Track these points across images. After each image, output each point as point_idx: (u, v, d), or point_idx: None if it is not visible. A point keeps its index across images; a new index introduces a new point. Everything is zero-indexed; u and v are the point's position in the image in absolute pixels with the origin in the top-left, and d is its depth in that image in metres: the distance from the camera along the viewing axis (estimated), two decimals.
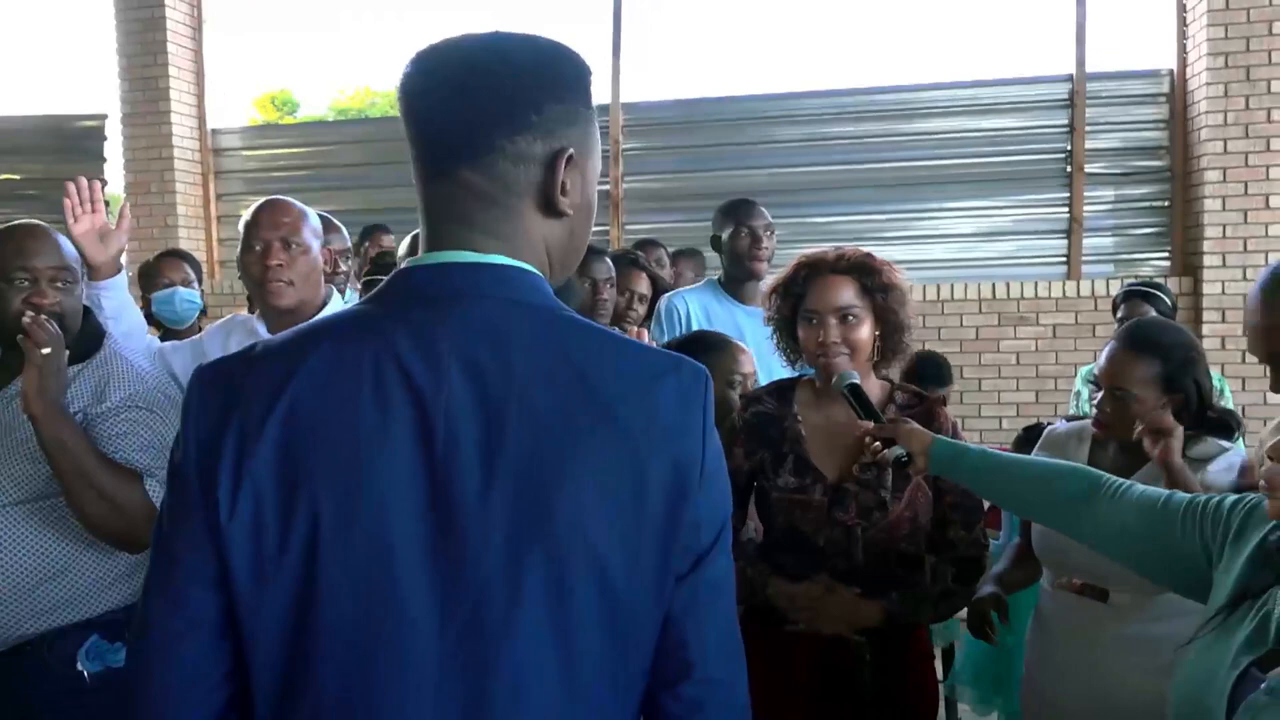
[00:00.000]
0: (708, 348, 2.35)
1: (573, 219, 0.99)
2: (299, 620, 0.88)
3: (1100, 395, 2.06)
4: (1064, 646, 2.07)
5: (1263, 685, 1.15)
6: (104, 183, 2.29)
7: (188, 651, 0.91)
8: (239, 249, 2.20)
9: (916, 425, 1.84)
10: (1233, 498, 1.40)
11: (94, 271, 2.19)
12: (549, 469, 0.87)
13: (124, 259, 2.34)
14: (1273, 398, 1.50)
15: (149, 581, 0.94)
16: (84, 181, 2.21)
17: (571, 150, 0.94)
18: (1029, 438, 2.90)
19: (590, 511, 0.87)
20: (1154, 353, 1.99)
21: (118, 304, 2.23)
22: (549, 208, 0.95)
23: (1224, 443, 2.00)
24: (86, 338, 1.97)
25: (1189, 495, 1.45)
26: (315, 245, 2.19)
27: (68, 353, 1.82)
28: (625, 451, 0.89)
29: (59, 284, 1.90)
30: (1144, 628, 1.94)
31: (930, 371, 3.65)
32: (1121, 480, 1.54)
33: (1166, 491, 1.49)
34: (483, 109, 0.92)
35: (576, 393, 0.89)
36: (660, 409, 0.91)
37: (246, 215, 2.20)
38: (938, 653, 3.07)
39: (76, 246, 2.14)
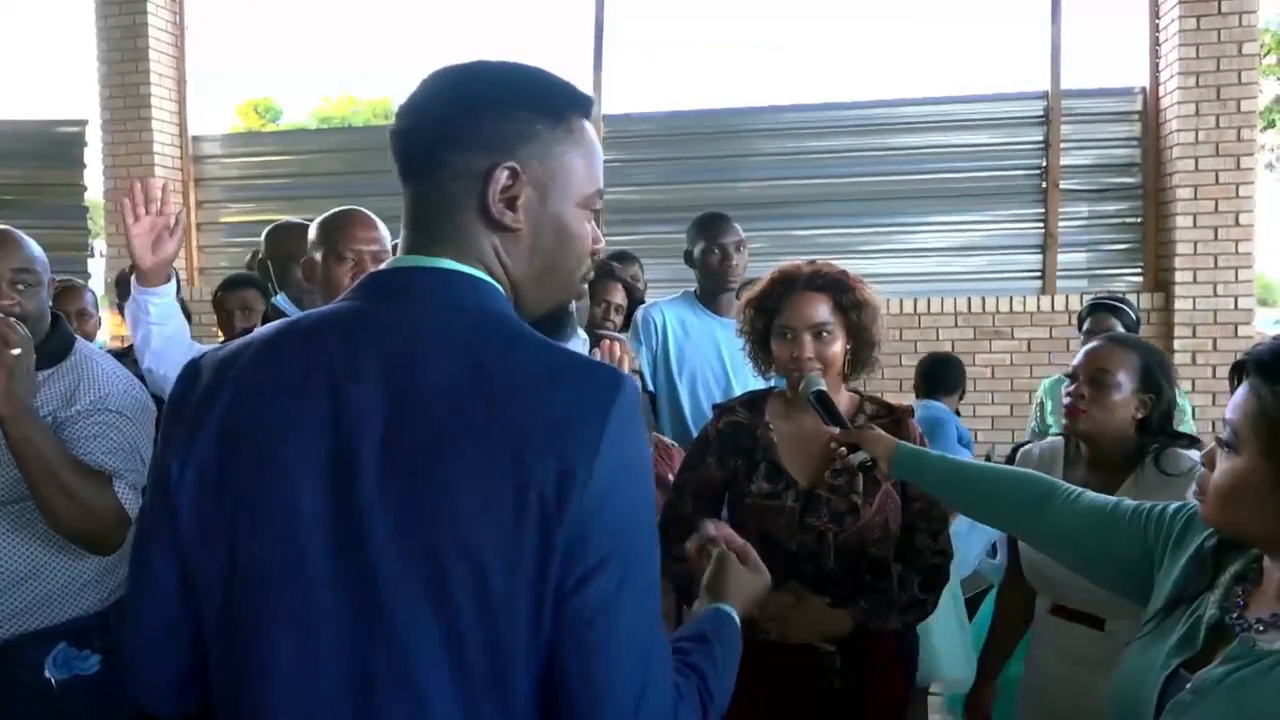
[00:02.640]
0: None
1: (532, 236, 1.00)
2: (230, 587, 0.94)
3: (1075, 386, 2.11)
4: (1061, 669, 2.10)
5: (1188, 685, 1.19)
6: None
7: (155, 608, 1.00)
8: (318, 251, 2.09)
9: (880, 430, 1.89)
10: (1175, 504, 1.44)
11: (142, 276, 2.13)
12: (436, 466, 0.88)
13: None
14: None
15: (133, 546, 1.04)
16: (154, 183, 2.15)
17: (515, 164, 0.97)
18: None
19: (470, 512, 0.86)
20: (1134, 347, 2.12)
21: (163, 311, 2.16)
22: (489, 220, 0.98)
23: (1192, 454, 2.03)
24: (56, 342, 1.97)
25: (1136, 502, 1.49)
26: None
27: (35, 356, 1.82)
28: (509, 451, 0.87)
29: (19, 285, 1.89)
30: None
31: (939, 377, 3.70)
32: (1075, 488, 1.58)
33: (1115, 499, 1.53)
34: (430, 128, 0.99)
35: (472, 391, 0.89)
36: (552, 408, 0.89)
37: (330, 220, 2.12)
38: None
39: (130, 248, 2.11)
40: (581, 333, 2.76)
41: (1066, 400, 2.13)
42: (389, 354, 0.92)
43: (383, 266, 1.03)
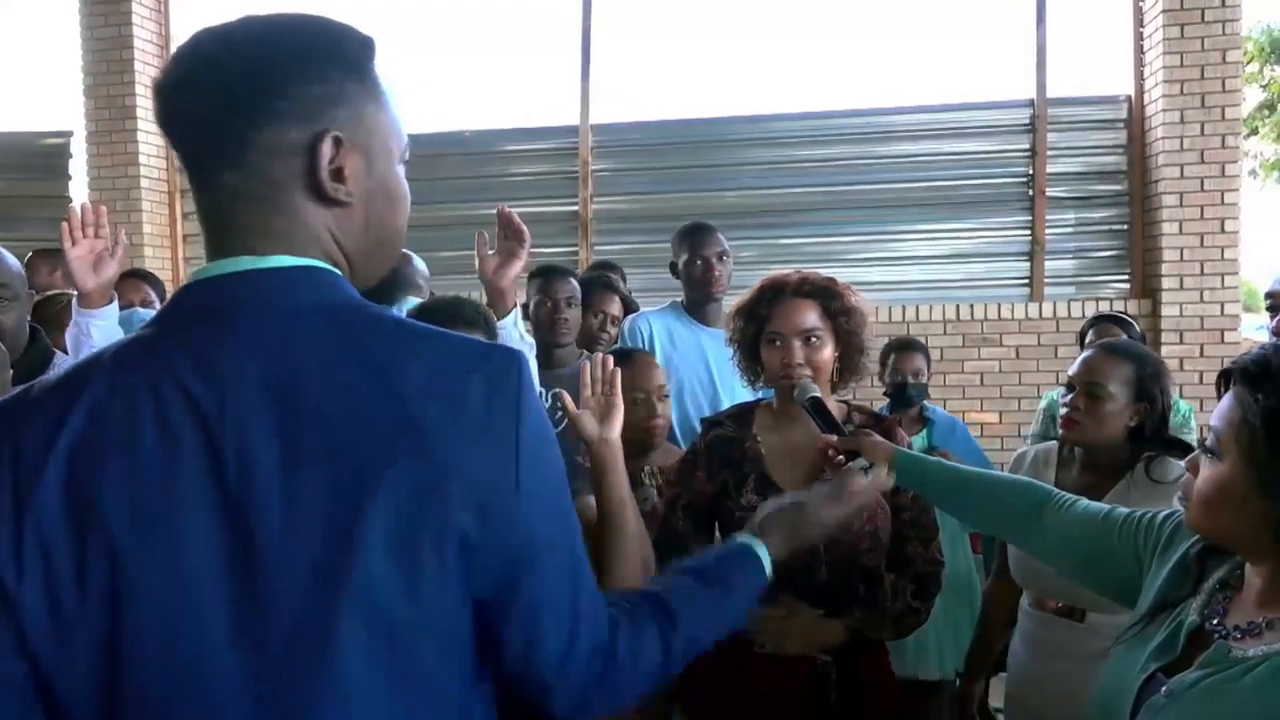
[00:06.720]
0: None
1: (365, 207, 0.92)
2: (110, 672, 0.80)
3: (1071, 397, 2.15)
4: (1045, 663, 2.14)
5: (1163, 689, 1.20)
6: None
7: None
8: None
9: (879, 437, 1.87)
10: (1165, 511, 1.46)
11: (84, 299, 2.14)
12: (352, 488, 0.80)
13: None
14: None
15: None
16: (89, 206, 2.16)
17: (338, 133, 0.87)
18: None
19: (395, 535, 0.80)
20: (1129, 357, 2.14)
21: (106, 333, 2.16)
22: (321, 196, 0.89)
23: (1182, 463, 2.06)
24: (34, 357, 1.95)
25: (1128, 509, 1.51)
26: None
27: (11, 371, 1.80)
28: (431, 463, 0.82)
29: None
30: None
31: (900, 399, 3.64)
32: (1070, 495, 1.61)
33: (1109, 506, 1.55)
34: (221, 104, 0.85)
35: (378, 398, 0.82)
36: (467, 407, 0.84)
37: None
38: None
39: (69, 271, 2.12)
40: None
41: (1063, 410, 2.18)
42: (266, 375, 0.82)
43: (205, 274, 0.89)
